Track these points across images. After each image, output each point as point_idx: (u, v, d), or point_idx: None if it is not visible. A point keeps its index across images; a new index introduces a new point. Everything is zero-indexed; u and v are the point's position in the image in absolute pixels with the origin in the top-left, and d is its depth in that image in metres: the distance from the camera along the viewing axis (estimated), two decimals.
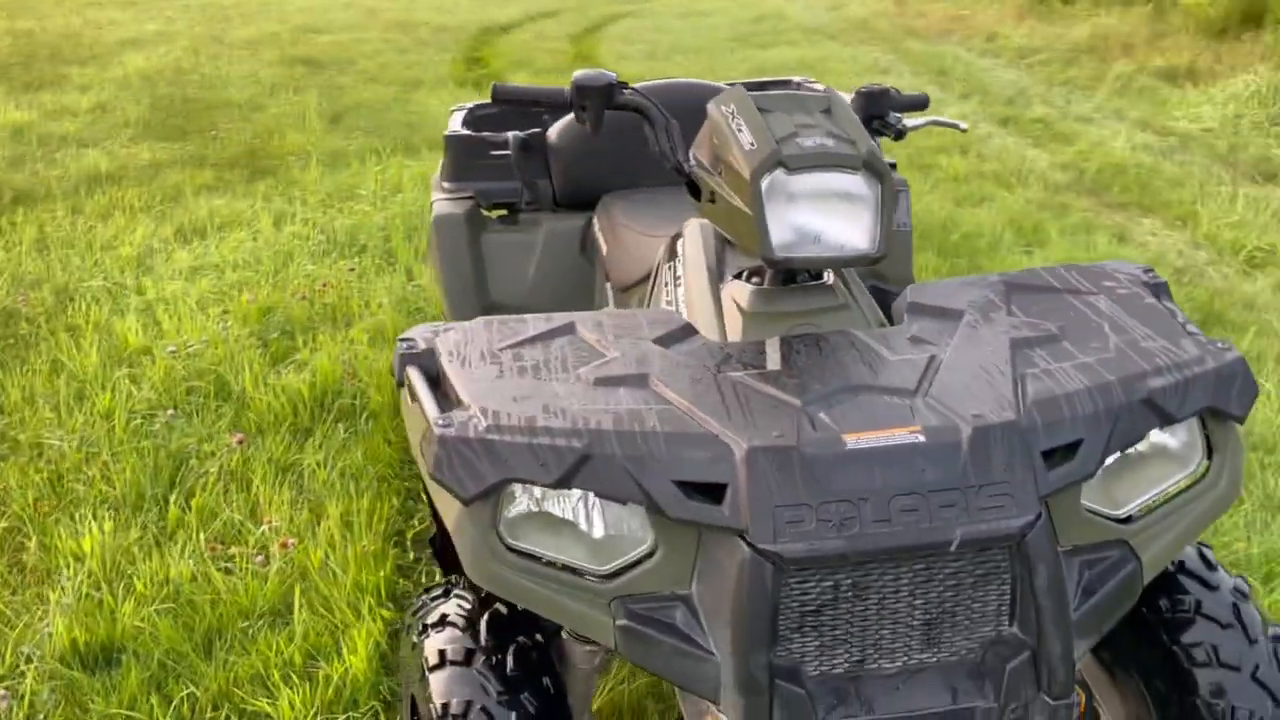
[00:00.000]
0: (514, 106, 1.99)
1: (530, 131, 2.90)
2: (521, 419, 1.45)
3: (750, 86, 3.48)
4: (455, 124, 3.18)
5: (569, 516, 1.53)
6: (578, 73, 1.92)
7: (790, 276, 1.81)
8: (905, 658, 1.48)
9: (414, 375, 1.65)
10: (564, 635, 1.81)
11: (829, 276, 1.85)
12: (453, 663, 1.71)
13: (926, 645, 1.48)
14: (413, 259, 4.93)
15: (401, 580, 2.75)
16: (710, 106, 1.81)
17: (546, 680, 1.71)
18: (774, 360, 1.62)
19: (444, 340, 1.72)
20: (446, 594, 1.84)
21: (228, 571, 2.75)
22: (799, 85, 3.49)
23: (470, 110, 3.39)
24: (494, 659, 1.70)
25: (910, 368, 1.59)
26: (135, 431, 3.47)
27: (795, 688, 1.42)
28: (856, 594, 1.44)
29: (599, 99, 1.91)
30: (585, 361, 1.64)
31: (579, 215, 2.92)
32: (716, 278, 1.90)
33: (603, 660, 1.86)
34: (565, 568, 1.50)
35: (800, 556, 1.37)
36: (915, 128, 2.16)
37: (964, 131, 2.28)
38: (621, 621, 1.45)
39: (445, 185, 3.04)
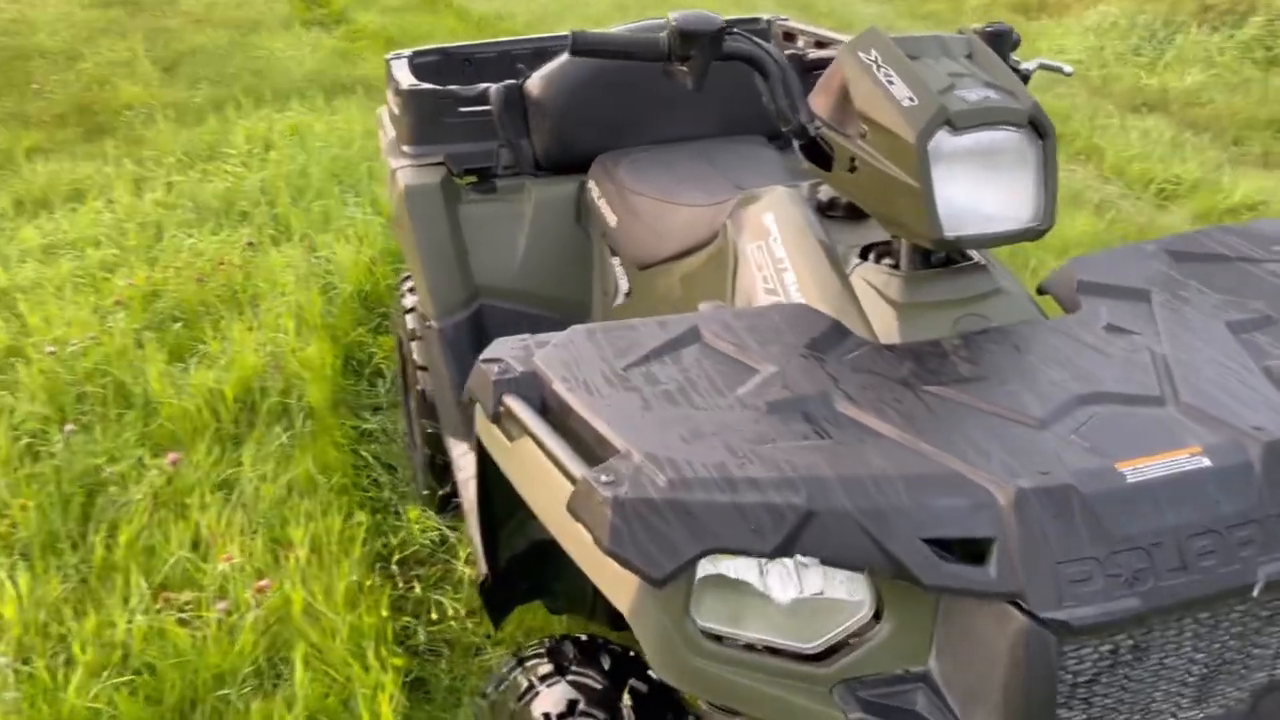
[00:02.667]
0: (600, 58, 1.62)
1: (507, 84, 2.49)
2: (710, 468, 1.13)
3: None
4: (402, 76, 2.73)
5: (747, 577, 1.21)
6: (677, 14, 1.56)
7: (942, 258, 1.54)
8: (1173, 718, 1.25)
9: (522, 410, 1.30)
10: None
11: (980, 255, 1.58)
12: None
13: (1196, 702, 1.25)
14: (307, 226, 4.40)
15: (404, 617, 2.37)
16: (845, 53, 1.50)
17: None
18: (965, 365, 1.35)
19: (546, 360, 1.36)
20: (559, 669, 1.50)
21: (183, 623, 2.30)
22: (769, 24, 3.18)
23: (409, 60, 2.93)
24: None
25: (1137, 366, 1.34)
26: (26, 454, 2.90)
27: None
28: (1136, 656, 1.19)
29: (708, 48, 1.56)
30: (738, 380, 1.32)
31: (568, 179, 2.54)
32: (839, 261, 1.60)
33: None
34: (766, 649, 1.20)
35: (1091, 624, 1.10)
36: (1029, 73, 1.90)
37: (1069, 75, 2.03)
38: (856, 716, 1.16)
39: (407, 149, 2.60)
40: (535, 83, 2.46)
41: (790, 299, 1.61)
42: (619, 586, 1.17)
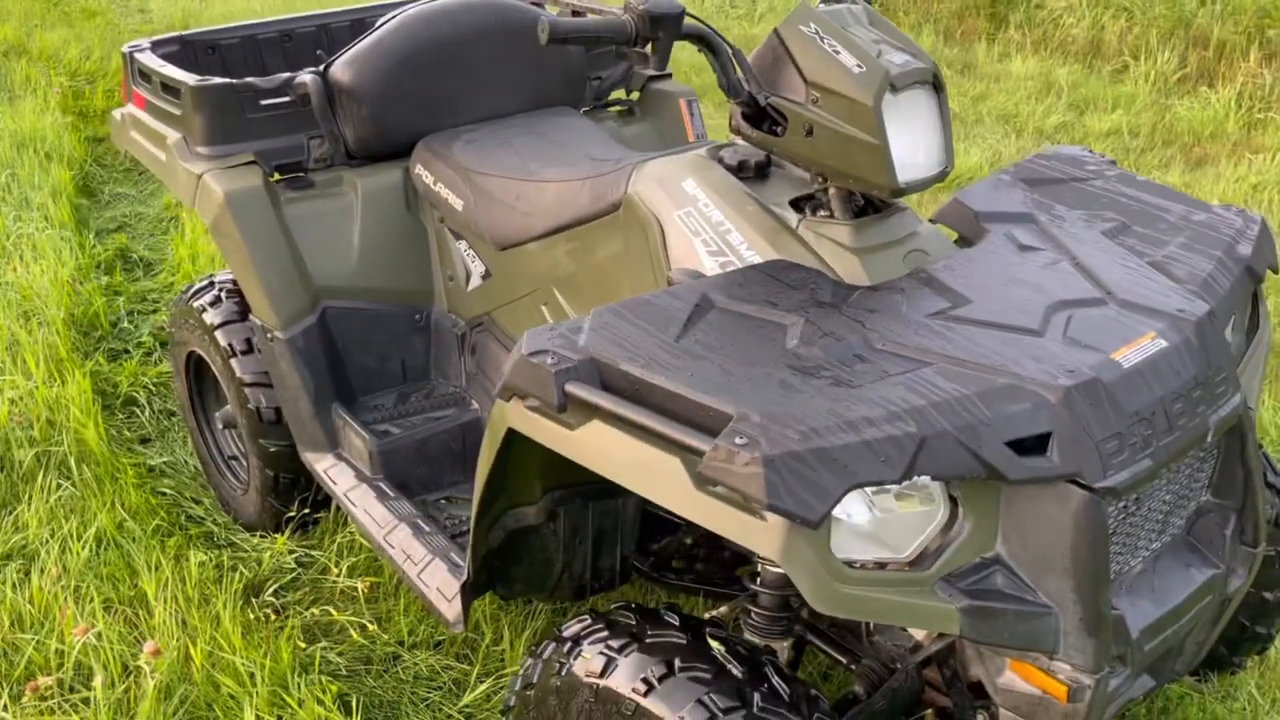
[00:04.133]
0: (574, 44, 1.62)
1: (313, 71, 2.36)
2: (825, 415, 1.27)
3: None
4: (170, 71, 2.47)
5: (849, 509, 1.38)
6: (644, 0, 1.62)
7: (860, 205, 1.75)
8: (1146, 552, 1.57)
9: (595, 395, 1.36)
10: None
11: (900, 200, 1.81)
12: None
13: (1159, 535, 1.58)
14: None
15: (305, 645, 2.23)
16: (787, 29, 1.65)
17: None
18: (946, 294, 1.57)
19: (596, 344, 1.42)
20: (633, 636, 1.55)
21: (52, 712, 2.02)
22: None
23: (151, 50, 2.66)
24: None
25: (1069, 275, 1.64)
26: None
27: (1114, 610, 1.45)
28: (1136, 506, 1.50)
29: (672, 29, 1.63)
30: (777, 335, 1.46)
31: (389, 167, 2.47)
32: (780, 217, 1.76)
33: None
34: (876, 565, 1.37)
35: (1127, 486, 1.38)
36: None
37: None
38: (964, 604, 1.36)
39: (204, 151, 2.38)
40: (342, 69, 2.36)
41: (742, 258, 1.74)
42: (766, 537, 1.27)
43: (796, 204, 1.79)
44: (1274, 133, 5.65)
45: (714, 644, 1.50)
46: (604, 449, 1.40)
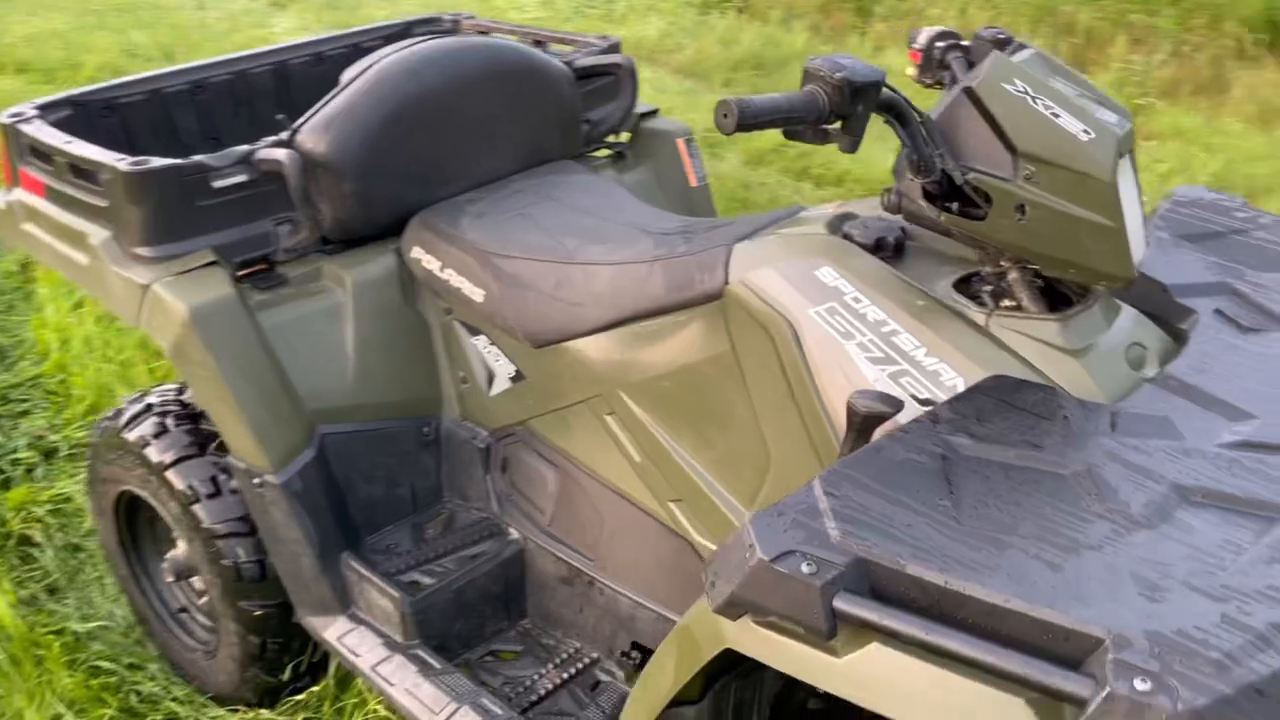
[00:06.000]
0: (763, 129, 1.24)
1: (281, 141, 1.89)
2: (1227, 626, 0.97)
3: (392, 32, 2.70)
4: (58, 143, 1.95)
5: None
6: (836, 65, 1.25)
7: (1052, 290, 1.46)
8: None
9: (886, 616, 1.03)
10: None
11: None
12: None
13: None
14: None
15: None
16: (987, 88, 1.33)
17: None
18: (1224, 406, 1.30)
19: (854, 534, 1.07)
20: None
21: None
22: (456, 22, 2.79)
23: (38, 115, 2.10)
24: None
25: None
26: None
27: None
28: None
29: (871, 101, 1.28)
30: (1070, 492, 1.16)
31: (377, 253, 2.02)
32: (959, 312, 1.45)
33: None
34: None
35: None
36: None
37: None
38: None
39: (146, 252, 1.87)
40: (313, 136, 1.89)
41: (921, 367, 1.41)
42: None
43: (960, 291, 1.48)
44: (1159, 117, 5.74)
45: None
46: (890, 685, 1.04)
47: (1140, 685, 0.89)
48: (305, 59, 2.52)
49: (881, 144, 5.28)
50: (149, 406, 2.09)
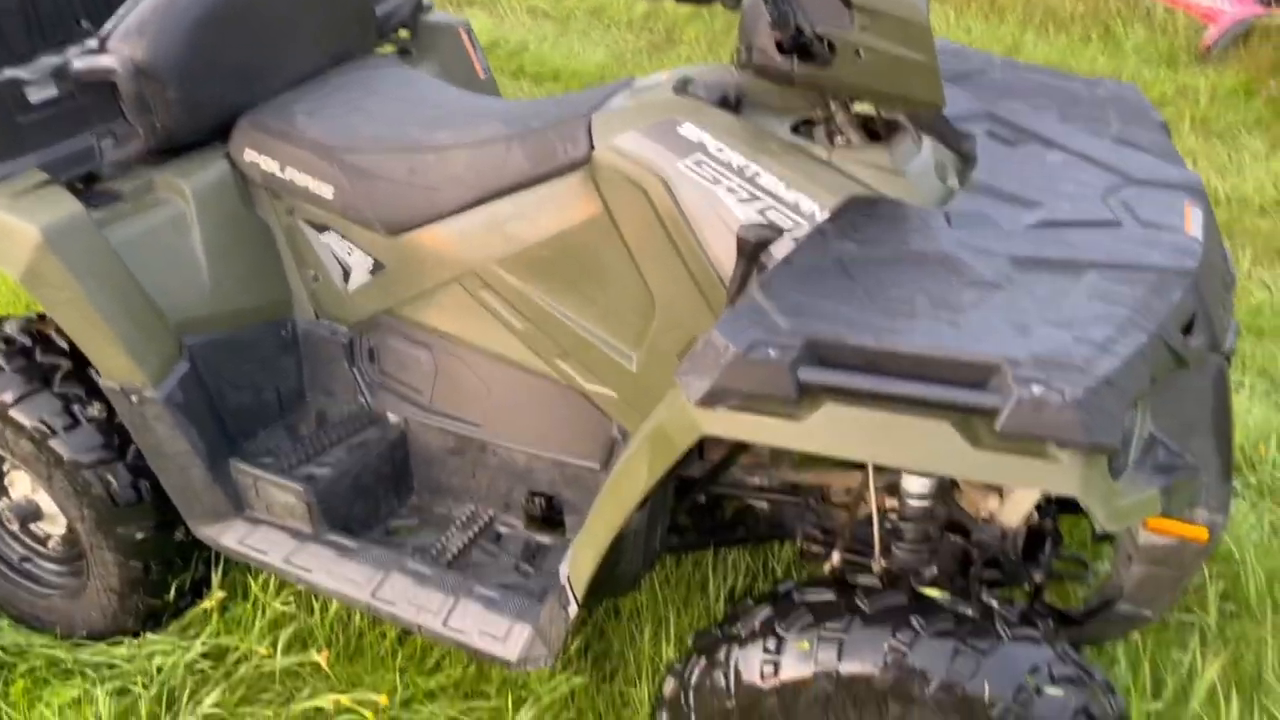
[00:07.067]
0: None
1: (89, 48, 1.82)
2: (1081, 344, 1.31)
3: None
4: None
5: None
6: None
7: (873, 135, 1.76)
8: None
9: (841, 377, 1.31)
10: None
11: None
12: None
13: None
14: None
15: None
16: None
17: None
18: (1021, 200, 1.65)
19: (803, 322, 1.33)
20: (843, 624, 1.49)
21: None
22: None
23: None
24: None
25: (1079, 165, 1.75)
26: None
27: None
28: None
29: None
30: (951, 271, 1.44)
31: (206, 160, 2.00)
32: (809, 149, 1.70)
33: None
34: None
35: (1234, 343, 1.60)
36: None
37: None
38: (1162, 484, 1.47)
39: None
40: (128, 42, 1.85)
41: (784, 200, 1.67)
42: (1062, 476, 1.28)
43: (796, 129, 1.74)
44: None
45: (935, 593, 1.50)
46: (844, 433, 1.31)
47: (1036, 390, 1.20)
48: None
49: (588, 41, 5.49)
50: None
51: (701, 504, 2.03)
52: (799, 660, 1.47)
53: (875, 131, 1.74)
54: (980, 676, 1.39)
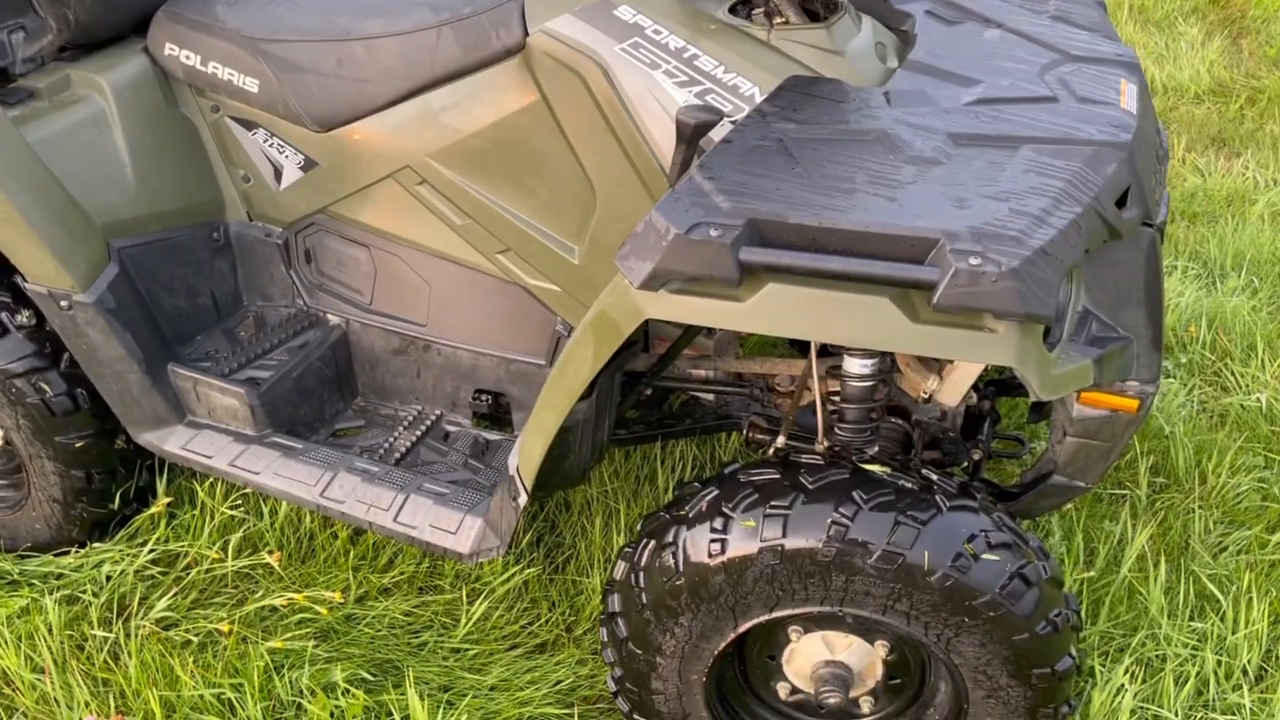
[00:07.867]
0: None
1: None
2: (1017, 216, 1.33)
3: None
4: None
5: None
6: None
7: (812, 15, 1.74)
8: None
9: (784, 256, 1.31)
10: None
11: None
12: None
13: None
14: None
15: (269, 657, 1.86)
16: None
17: None
18: (959, 79, 1.65)
19: (742, 204, 1.33)
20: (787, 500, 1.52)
21: None
22: None
23: None
24: None
25: (1017, 42, 1.77)
26: None
27: None
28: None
29: None
30: (882, 149, 1.45)
31: (123, 55, 1.92)
32: (745, 30, 1.68)
33: None
34: None
35: (1165, 216, 1.62)
36: None
37: None
38: (1095, 355, 1.52)
39: None
40: None
41: (722, 83, 1.65)
42: (999, 347, 1.30)
43: (736, 15, 1.71)
44: None
45: (875, 468, 1.53)
46: (786, 311, 1.32)
47: (974, 262, 1.21)
48: None
49: None
50: None
51: (648, 397, 2.04)
52: (745, 537, 1.50)
53: (814, 12, 1.72)
54: (920, 546, 1.43)
